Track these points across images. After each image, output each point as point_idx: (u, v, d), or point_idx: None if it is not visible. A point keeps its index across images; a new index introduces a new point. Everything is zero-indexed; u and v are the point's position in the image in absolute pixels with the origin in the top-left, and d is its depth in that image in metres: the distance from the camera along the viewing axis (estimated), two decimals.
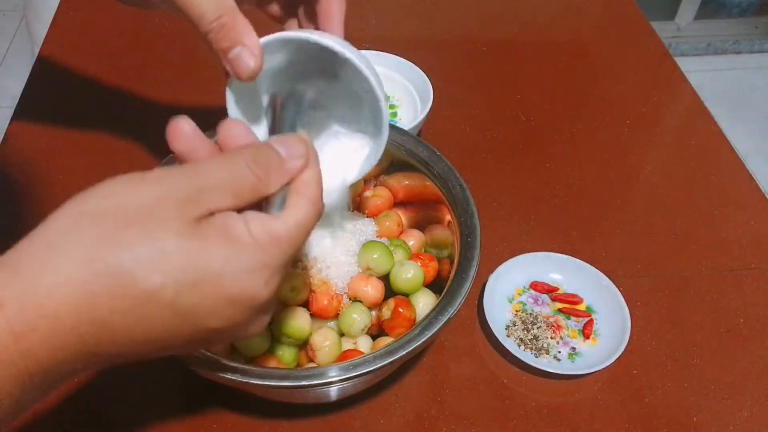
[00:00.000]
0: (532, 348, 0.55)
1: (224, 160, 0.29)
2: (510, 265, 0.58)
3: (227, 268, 0.26)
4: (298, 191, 0.30)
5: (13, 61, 1.99)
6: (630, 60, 0.86)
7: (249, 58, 0.36)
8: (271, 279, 0.28)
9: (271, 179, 0.29)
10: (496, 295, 0.57)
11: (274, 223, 0.28)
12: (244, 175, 0.28)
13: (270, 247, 0.28)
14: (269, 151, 0.30)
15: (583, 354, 0.54)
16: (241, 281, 0.27)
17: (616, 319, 0.55)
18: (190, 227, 0.26)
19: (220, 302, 0.27)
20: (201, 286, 0.26)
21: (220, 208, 0.27)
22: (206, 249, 0.26)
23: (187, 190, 0.27)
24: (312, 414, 0.50)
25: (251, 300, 0.28)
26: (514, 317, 0.57)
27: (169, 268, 0.25)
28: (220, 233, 0.26)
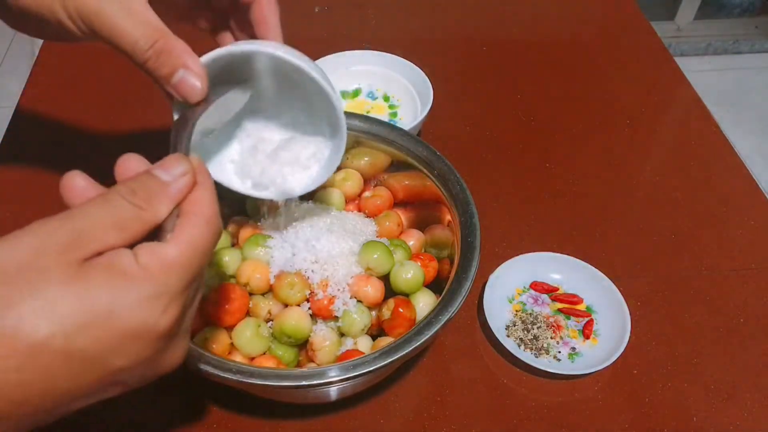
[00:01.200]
0: (532, 348, 0.55)
1: (101, 199, 0.27)
2: (510, 265, 0.58)
3: (116, 304, 0.25)
4: (187, 211, 0.29)
5: (13, 61, 1.99)
6: (630, 60, 0.86)
7: (194, 80, 0.35)
8: (169, 307, 0.27)
9: (155, 206, 0.28)
10: (496, 295, 0.57)
11: (164, 248, 0.27)
12: (124, 209, 0.27)
13: (161, 274, 0.26)
14: (148, 179, 0.29)
15: (583, 354, 0.54)
16: (134, 314, 0.26)
17: (616, 319, 0.55)
18: (73, 271, 0.25)
19: (116, 340, 0.25)
20: (92, 327, 0.24)
21: (106, 247, 0.26)
22: (91, 289, 0.25)
23: (66, 235, 0.25)
24: (312, 414, 0.50)
25: (150, 332, 0.26)
26: (514, 317, 0.57)
27: (55, 316, 0.24)
28: (105, 271, 0.25)
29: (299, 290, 0.46)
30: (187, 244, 0.27)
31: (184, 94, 0.35)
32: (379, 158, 0.55)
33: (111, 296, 0.25)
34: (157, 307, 0.26)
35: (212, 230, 0.29)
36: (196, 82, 0.35)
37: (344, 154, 0.55)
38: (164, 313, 0.26)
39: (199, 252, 0.28)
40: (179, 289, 0.27)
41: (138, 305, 0.26)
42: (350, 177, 0.56)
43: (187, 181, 0.29)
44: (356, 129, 0.54)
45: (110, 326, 0.25)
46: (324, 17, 0.90)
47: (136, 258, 0.26)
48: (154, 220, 0.28)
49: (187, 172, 0.29)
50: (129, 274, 0.26)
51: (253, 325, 0.46)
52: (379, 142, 0.54)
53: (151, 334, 0.26)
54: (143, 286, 0.26)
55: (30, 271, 0.24)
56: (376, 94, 0.74)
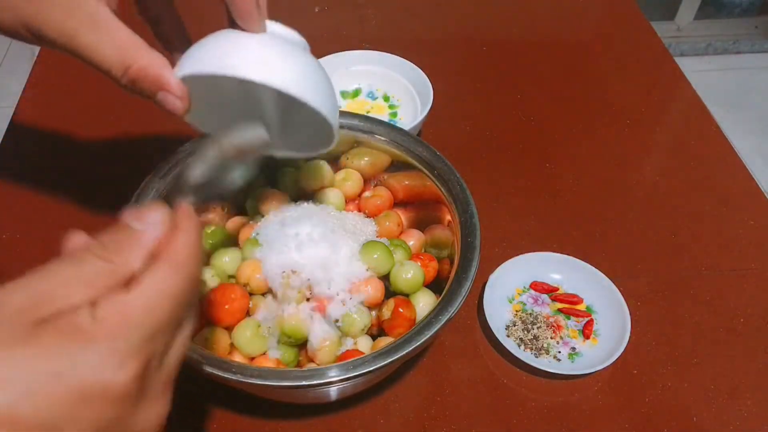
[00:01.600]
0: (532, 348, 0.55)
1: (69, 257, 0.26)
2: (510, 265, 0.58)
3: (65, 364, 0.23)
4: (158, 257, 0.26)
5: (13, 61, 1.99)
6: (630, 60, 0.86)
7: (173, 101, 0.35)
8: (126, 361, 0.24)
9: (125, 256, 0.26)
10: (496, 295, 0.57)
11: (124, 299, 0.25)
12: (92, 264, 0.25)
13: (118, 326, 0.24)
14: (119, 231, 0.27)
15: (583, 354, 0.54)
16: (85, 374, 0.23)
17: (616, 319, 0.55)
18: (22, 334, 0.22)
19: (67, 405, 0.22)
20: (40, 394, 0.22)
21: (69, 306, 0.24)
22: (41, 351, 0.22)
23: (25, 297, 0.24)
24: (312, 414, 0.50)
25: (105, 392, 0.23)
26: (514, 317, 0.57)
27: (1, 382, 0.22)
28: (56, 331, 0.23)
29: (299, 290, 0.46)
30: (150, 291, 0.25)
31: (170, 110, 0.36)
32: (379, 158, 0.55)
33: (60, 357, 0.23)
34: (112, 363, 0.23)
35: (183, 276, 0.26)
36: (176, 103, 0.35)
37: (345, 154, 0.56)
38: (120, 369, 0.24)
39: (166, 299, 0.25)
40: (140, 340, 0.24)
41: (90, 363, 0.23)
42: (350, 177, 0.56)
43: (161, 228, 0.27)
44: (356, 129, 0.54)
45: (59, 390, 0.22)
46: (324, 17, 0.90)
47: (94, 312, 0.24)
48: (125, 271, 0.25)
49: (161, 221, 0.27)
50: (82, 331, 0.23)
51: (253, 325, 0.46)
52: (379, 142, 0.54)
53: (107, 394, 0.23)
54: (97, 342, 0.23)
55: None
56: (376, 94, 0.74)
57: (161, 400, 0.27)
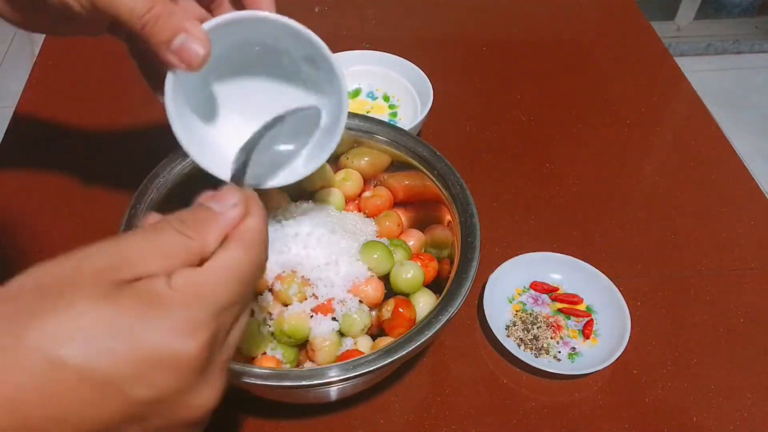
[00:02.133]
0: (532, 348, 0.55)
1: (151, 227, 0.27)
2: (510, 265, 0.58)
3: (142, 327, 0.24)
4: (230, 238, 0.28)
5: (13, 61, 1.99)
6: (630, 60, 0.86)
7: (195, 44, 0.33)
8: (197, 331, 0.25)
9: (203, 235, 0.27)
10: (496, 295, 0.57)
11: (198, 272, 0.26)
12: (172, 237, 0.26)
13: (191, 297, 0.25)
14: (199, 210, 0.28)
15: (583, 354, 0.54)
16: (159, 339, 0.24)
17: (616, 319, 0.55)
18: (105, 292, 0.24)
19: (139, 366, 0.23)
20: (113, 350, 0.23)
21: (147, 273, 0.25)
22: (119, 311, 0.24)
23: (108, 258, 0.25)
24: (312, 414, 0.50)
25: (176, 358, 0.24)
26: (514, 317, 0.57)
27: (77, 333, 0.23)
28: (136, 294, 0.24)
29: (299, 290, 0.46)
30: (223, 269, 0.26)
31: (186, 61, 0.34)
32: (379, 158, 0.55)
33: (137, 320, 0.24)
34: (185, 332, 0.25)
35: (252, 257, 0.28)
36: (198, 47, 0.34)
37: (345, 154, 0.56)
38: (192, 338, 0.25)
39: (236, 277, 0.27)
40: (210, 313, 0.25)
41: (165, 330, 0.24)
42: (350, 177, 0.56)
43: (239, 211, 0.28)
44: (356, 129, 0.54)
45: (133, 350, 0.23)
46: (324, 17, 0.90)
47: (170, 282, 0.25)
48: (202, 249, 0.27)
49: (239, 203, 0.28)
50: (160, 299, 0.25)
51: (253, 325, 0.46)
52: (379, 142, 0.54)
53: (178, 361, 0.24)
54: (172, 310, 0.25)
55: (63, 286, 0.24)
56: (376, 94, 0.74)
57: (219, 380, 0.27)
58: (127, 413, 0.24)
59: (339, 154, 0.56)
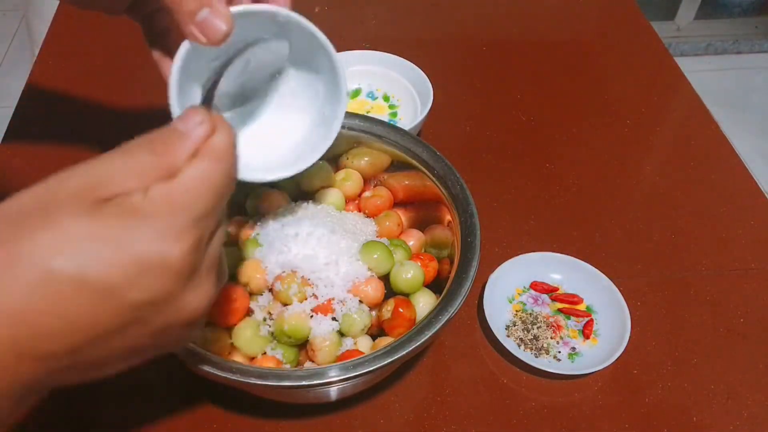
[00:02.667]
0: (532, 348, 0.55)
1: (120, 149, 0.28)
2: (510, 265, 0.58)
3: (127, 235, 0.26)
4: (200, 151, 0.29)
5: (13, 61, 1.99)
6: (630, 60, 0.86)
7: (219, 19, 0.34)
8: (181, 237, 0.27)
9: (174, 152, 0.28)
10: (496, 295, 0.57)
11: (172, 184, 0.27)
12: (143, 156, 0.28)
13: (169, 207, 0.27)
14: (166, 129, 0.29)
15: (583, 354, 0.54)
16: (145, 245, 0.26)
17: (616, 319, 0.55)
18: (86, 208, 0.26)
19: (129, 270, 0.25)
20: (103, 257, 0.25)
21: (123, 190, 0.27)
22: (103, 222, 0.25)
23: (83, 178, 0.27)
24: (312, 414, 0.50)
25: (164, 262, 0.26)
26: (514, 317, 0.57)
27: (67, 245, 0.25)
28: (117, 207, 0.26)
29: (299, 290, 0.46)
30: (195, 179, 0.28)
31: (207, 34, 0.35)
32: (379, 158, 0.55)
33: (122, 229, 0.26)
34: (169, 238, 0.26)
35: (222, 168, 0.29)
36: (221, 23, 0.34)
37: (345, 154, 0.56)
38: (177, 243, 0.26)
39: (208, 187, 0.28)
40: (190, 219, 0.27)
41: (148, 237, 0.26)
42: (350, 177, 0.56)
43: (206, 128, 0.29)
44: (356, 129, 0.54)
45: (122, 256, 0.25)
46: (324, 17, 0.90)
47: (147, 196, 0.27)
48: (172, 165, 0.28)
49: (205, 122, 0.29)
50: (139, 209, 0.26)
51: (253, 325, 0.46)
52: (379, 142, 0.54)
53: (166, 265, 0.26)
54: (154, 218, 0.26)
55: (46, 206, 0.25)
56: (376, 94, 0.74)
57: (209, 280, 0.30)
58: (126, 316, 0.26)
59: (339, 154, 0.56)
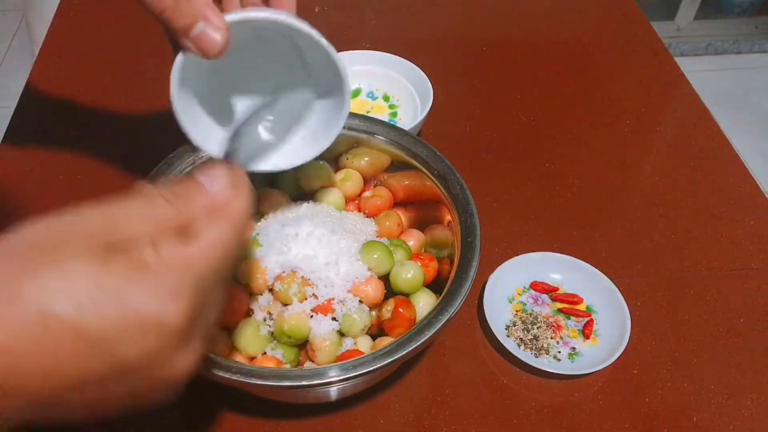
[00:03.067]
0: (532, 348, 0.55)
1: (141, 195, 0.28)
2: (510, 265, 0.58)
3: (130, 289, 0.25)
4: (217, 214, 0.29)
5: (13, 61, 1.99)
6: (630, 60, 0.86)
7: (215, 33, 0.34)
8: (181, 301, 0.26)
9: (193, 208, 0.28)
10: (496, 295, 0.57)
11: (187, 245, 0.27)
12: (161, 206, 0.28)
13: (179, 269, 0.27)
14: (189, 182, 0.29)
15: (583, 354, 0.54)
16: (146, 303, 0.25)
17: (616, 319, 0.55)
18: (96, 253, 0.25)
19: (125, 324, 0.25)
20: (106, 310, 0.25)
21: (135, 238, 0.26)
22: (109, 272, 0.25)
23: (99, 220, 0.26)
24: (312, 414, 0.50)
25: (160, 323, 0.26)
26: (514, 317, 0.57)
27: (72, 292, 0.24)
28: (129, 260, 0.26)
29: (299, 290, 0.46)
30: (211, 246, 0.28)
31: (203, 48, 0.34)
32: (379, 158, 0.55)
33: (127, 282, 0.25)
34: (172, 298, 0.26)
35: (236, 234, 0.29)
36: (216, 36, 0.34)
37: (345, 154, 0.56)
38: (179, 304, 0.26)
39: (222, 250, 0.28)
40: (194, 285, 0.27)
41: (151, 295, 0.26)
42: (350, 177, 0.56)
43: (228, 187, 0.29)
44: (356, 129, 0.54)
45: (121, 309, 0.25)
46: (324, 17, 0.90)
47: (159, 253, 0.26)
48: (187, 218, 0.28)
49: (228, 179, 0.30)
50: (148, 266, 0.26)
51: (253, 325, 0.46)
52: (379, 142, 0.54)
53: (163, 324, 0.26)
54: (159, 277, 0.26)
55: (57, 246, 0.25)
56: (376, 94, 0.74)
57: (198, 350, 0.29)
58: (113, 369, 0.26)
59: (339, 154, 0.56)
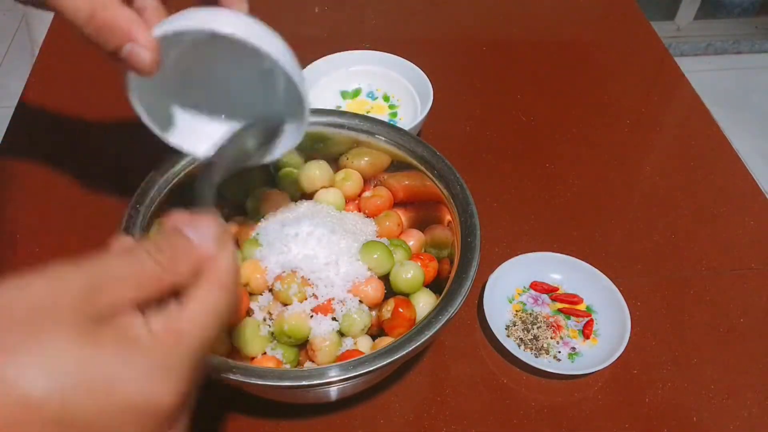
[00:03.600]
0: (532, 348, 0.55)
1: (125, 251, 0.26)
2: (510, 265, 0.58)
3: (123, 372, 0.23)
4: (206, 277, 0.27)
5: (13, 61, 1.99)
6: (630, 60, 0.86)
7: (143, 52, 0.33)
8: (177, 382, 0.25)
9: (177, 266, 0.26)
10: (496, 295, 0.57)
11: (177, 316, 0.26)
12: (146, 265, 0.26)
13: (172, 345, 0.25)
14: (176, 237, 0.28)
15: (583, 354, 0.54)
16: (139, 387, 0.23)
17: (616, 319, 0.55)
18: (83, 329, 0.23)
19: (116, 413, 0.23)
20: (93, 395, 0.22)
21: (121, 302, 0.25)
22: (100, 353, 0.23)
23: (85, 285, 0.24)
24: (312, 414, 0.50)
25: (154, 408, 0.24)
26: (514, 317, 0.57)
27: (56, 374, 0.22)
28: (117, 335, 0.24)
29: (299, 290, 0.46)
30: (203, 314, 0.26)
31: (136, 68, 0.34)
32: (379, 158, 0.55)
33: (117, 364, 0.23)
34: (163, 382, 0.24)
35: (229, 299, 0.28)
36: (145, 55, 0.33)
37: (345, 154, 0.56)
38: (168, 390, 0.24)
39: (211, 319, 0.27)
40: (187, 360, 0.25)
41: (145, 377, 0.24)
42: (350, 177, 0.56)
43: (214, 247, 0.28)
44: (356, 129, 0.54)
45: (112, 396, 0.23)
46: (324, 17, 0.90)
47: (150, 325, 0.25)
48: (174, 279, 0.26)
49: (215, 238, 0.28)
50: (139, 343, 0.24)
51: (253, 325, 0.46)
52: (379, 142, 0.54)
53: (155, 411, 0.24)
54: (153, 356, 0.24)
55: (39, 319, 0.23)
56: (376, 94, 0.74)
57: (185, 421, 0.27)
58: None
59: (339, 154, 0.56)
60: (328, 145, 0.55)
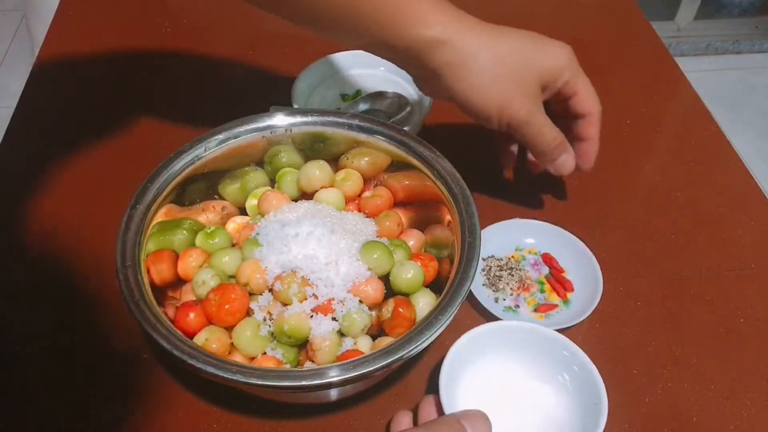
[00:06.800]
0: (492, 287, 0.57)
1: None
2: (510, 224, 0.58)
3: None
4: None
5: (13, 61, 2.00)
6: (630, 60, 0.86)
7: (572, 160, 0.56)
8: None
9: None
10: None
11: None
12: None
13: None
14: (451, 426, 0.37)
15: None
16: None
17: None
18: None
19: None
20: None
21: None
22: None
23: None
24: (312, 414, 0.50)
25: None
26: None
27: None
28: None
29: (299, 290, 0.46)
30: None
31: (561, 169, 0.56)
32: (379, 158, 0.55)
33: None
34: None
35: None
36: (572, 162, 0.56)
37: (345, 154, 0.56)
38: None
39: None
40: None
41: None
42: (350, 177, 0.56)
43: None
44: (356, 129, 0.54)
45: None
46: None
47: None
48: None
49: None
50: None
51: (253, 325, 0.46)
52: (379, 142, 0.54)
53: None
54: None
55: None
56: None
57: None
58: None
59: (339, 154, 0.56)
60: (328, 145, 0.56)
